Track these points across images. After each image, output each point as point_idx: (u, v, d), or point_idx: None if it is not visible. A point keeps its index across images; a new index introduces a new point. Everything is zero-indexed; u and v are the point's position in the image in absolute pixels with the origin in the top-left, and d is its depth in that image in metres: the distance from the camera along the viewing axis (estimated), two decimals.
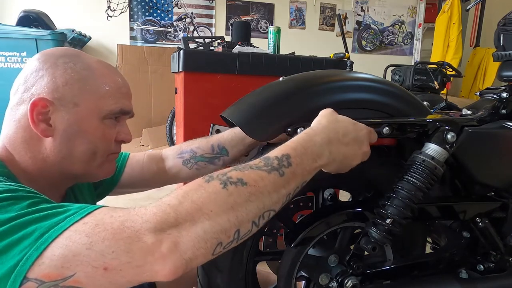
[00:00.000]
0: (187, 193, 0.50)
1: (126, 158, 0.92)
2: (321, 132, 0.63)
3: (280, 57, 1.69)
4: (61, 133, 0.65)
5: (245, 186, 0.52)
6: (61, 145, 0.65)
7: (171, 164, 0.92)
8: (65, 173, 0.68)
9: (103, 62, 0.72)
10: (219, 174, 0.53)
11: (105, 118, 0.68)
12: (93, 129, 0.67)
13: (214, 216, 0.49)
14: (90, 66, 0.68)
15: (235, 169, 0.54)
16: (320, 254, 0.87)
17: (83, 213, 0.47)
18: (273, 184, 0.55)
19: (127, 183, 0.91)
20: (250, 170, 0.54)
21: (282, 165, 0.56)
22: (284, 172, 0.56)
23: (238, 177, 0.52)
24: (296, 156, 0.58)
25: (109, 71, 0.71)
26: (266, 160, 0.57)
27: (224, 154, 0.90)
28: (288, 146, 0.60)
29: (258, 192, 0.53)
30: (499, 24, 1.11)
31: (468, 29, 5.14)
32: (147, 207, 0.49)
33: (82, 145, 0.67)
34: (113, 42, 4.25)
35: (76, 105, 0.65)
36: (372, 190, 0.90)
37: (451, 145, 0.79)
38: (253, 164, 0.56)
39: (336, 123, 0.66)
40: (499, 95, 0.96)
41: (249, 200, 0.52)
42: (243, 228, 0.51)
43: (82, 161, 0.68)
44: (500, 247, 0.94)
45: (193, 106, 1.61)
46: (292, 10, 5.00)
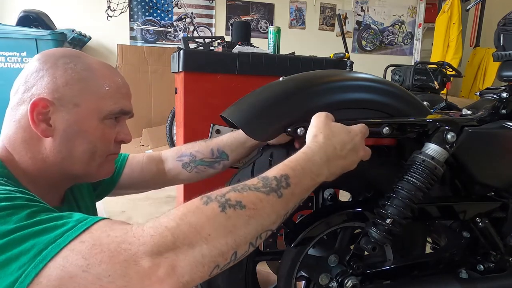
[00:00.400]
0: (185, 215, 0.49)
1: (126, 159, 0.92)
2: (319, 151, 0.63)
3: (280, 57, 1.69)
4: (61, 133, 0.65)
5: (244, 210, 0.51)
6: (61, 145, 0.65)
7: (171, 166, 0.92)
8: (65, 173, 0.68)
9: (103, 63, 0.72)
10: (217, 195, 0.52)
11: (105, 119, 0.68)
12: (93, 129, 0.67)
13: (212, 240, 0.48)
14: (90, 67, 0.68)
15: (233, 190, 0.53)
16: (320, 254, 0.87)
17: (81, 228, 0.47)
18: (272, 206, 0.54)
19: (127, 184, 0.91)
20: (248, 192, 0.54)
21: (280, 186, 0.56)
22: (282, 194, 0.56)
23: (236, 200, 0.52)
24: (295, 177, 0.58)
25: (110, 71, 0.71)
26: (264, 180, 0.56)
27: (224, 158, 0.90)
28: (287, 166, 0.59)
29: (257, 214, 0.52)
30: (499, 24, 1.11)
31: (468, 29, 5.14)
32: (144, 228, 0.48)
33: (82, 145, 0.67)
34: (113, 42, 4.25)
35: (76, 105, 0.65)
36: (372, 190, 0.90)
37: (451, 145, 0.79)
38: (251, 184, 0.55)
39: (332, 137, 0.66)
40: (499, 95, 0.96)
41: (247, 223, 0.51)
42: (240, 250, 0.51)
43: (82, 161, 0.68)
44: (500, 247, 0.94)
45: (193, 106, 1.61)
46: (292, 10, 5.00)
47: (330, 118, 0.70)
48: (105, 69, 0.71)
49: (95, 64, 0.70)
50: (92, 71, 0.68)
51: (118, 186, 0.90)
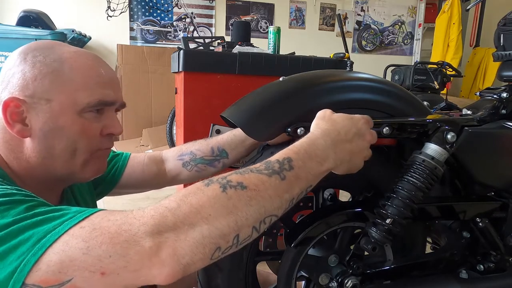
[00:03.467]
0: (186, 196, 0.49)
1: (127, 158, 0.91)
2: (322, 135, 0.63)
3: (280, 57, 1.69)
4: (38, 132, 0.61)
5: (245, 190, 0.51)
6: (40, 145, 0.62)
7: (171, 166, 0.92)
8: (51, 174, 0.65)
9: (83, 53, 0.66)
10: (219, 177, 0.52)
11: (83, 112, 0.63)
12: (69, 125, 0.62)
13: (212, 220, 0.48)
14: (62, 57, 0.63)
15: (235, 173, 0.54)
16: (320, 254, 0.86)
17: (80, 217, 0.47)
18: (274, 188, 0.53)
19: (127, 184, 0.91)
20: (250, 174, 0.53)
21: (283, 168, 0.55)
22: (285, 176, 0.55)
23: (238, 181, 0.52)
24: (298, 159, 0.57)
25: (88, 61, 0.65)
26: (267, 163, 0.56)
27: (224, 156, 0.90)
28: (290, 149, 0.59)
29: (259, 196, 0.52)
30: (499, 24, 1.11)
31: (468, 29, 5.14)
32: (145, 209, 0.48)
33: (61, 143, 0.62)
34: (113, 42, 4.25)
35: (49, 100, 0.61)
36: (372, 190, 0.90)
37: (451, 145, 0.79)
38: (253, 167, 0.55)
39: (336, 124, 0.65)
40: (499, 95, 0.96)
41: (249, 204, 0.51)
42: (242, 233, 0.51)
43: (63, 160, 0.64)
44: (500, 247, 0.94)
45: (193, 106, 1.61)
46: (292, 10, 5.00)
47: (332, 113, 0.69)
48: (81, 58, 0.65)
49: (69, 53, 0.64)
50: (64, 61, 0.63)
51: (118, 185, 0.90)
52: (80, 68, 0.63)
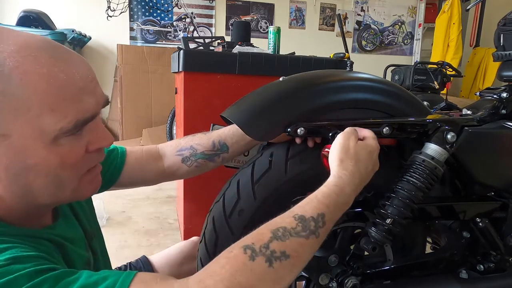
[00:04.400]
0: (234, 276, 0.48)
1: (124, 155, 0.87)
2: (350, 182, 0.64)
3: (280, 57, 1.69)
4: (4, 173, 0.49)
5: (289, 259, 0.52)
6: (12, 185, 0.50)
7: (170, 162, 0.90)
8: (36, 206, 0.55)
9: (29, 50, 0.47)
10: (261, 246, 0.51)
11: (57, 139, 0.49)
12: (44, 160, 0.49)
13: None
14: (3, 70, 0.45)
15: (275, 238, 0.53)
16: (320, 254, 0.86)
17: None
18: (311, 248, 0.56)
19: (125, 181, 0.88)
20: (291, 240, 0.54)
21: (318, 226, 0.57)
22: (319, 233, 0.57)
23: (281, 250, 0.52)
24: (329, 213, 0.59)
25: (40, 66, 0.47)
26: (303, 222, 0.56)
27: (225, 150, 0.89)
28: (321, 202, 0.60)
29: (300, 261, 0.54)
30: (499, 24, 1.11)
31: (468, 29, 5.14)
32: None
33: (38, 179, 0.51)
34: (113, 42, 4.25)
35: (6, 136, 0.46)
36: (372, 190, 0.90)
37: (451, 145, 0.79)
38: (291, 228, 0.55)
39: (359, 162, 0.67)
40: (499, 95, 0.96)
41: (291, 271, 0.53)
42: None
43: (48, 194, 0.53)
44: (500, 247, 0.94)
45: (193, 106, 1.61)
46: (292, 10, 5.00)
47: (355, 138, 0.70)
48: (33, 65, 0.46)
49: (12, 59, 0.45)
50: (9, 76, 0.45)
51: (117, 183, 0.87)
52: (34, 81, 0.46)
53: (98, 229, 0.82)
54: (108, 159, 0.84)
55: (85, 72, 0.52)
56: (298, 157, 0.79)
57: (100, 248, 0.79)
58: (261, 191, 0.78)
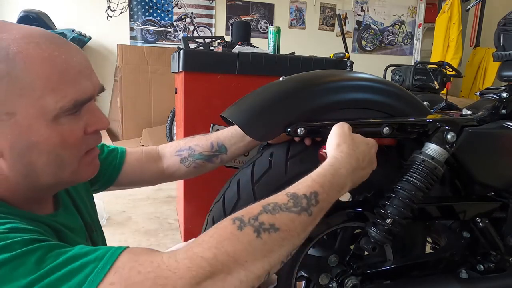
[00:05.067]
0: (221, 243, 0.48)
1: (124, 155, 0.88)
2: (345, 163, 0.64)
3: (280, 57, 1.69)
4: (9, 151, 0.52)
5: (278, 232, 0.52)
6: (16, 164, 0.53)
7: (169, 162, 0.91)
8: (38, 187, 0.58)
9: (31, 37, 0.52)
10: (250, 218, 0.52)
11: (57, 118, 0.53)
12: (46, 138, 0.52)
13: (249, 266, 0.49)
14: (8, 54, 0.49)
15: (265, 211, 0.53)
16: (320, 254, 0.87)
17: (105, 268, 0.43)
18: (303, 225, 0.56)
19: (125, 181, 0.89)
20: (280, 213, 0.54)
21: (310, 204, 0.57)
22: (312, 211, 0.57)
23: (270, 223, 0.52)
24: (323, 193, 0.59)
25: (41, 50, 0.52)
26: (294, 199, 0.56)
27: (223, 152, 0.90)
28: (316, 181, 0.60)
29: (290, 236, 0.54)
30: (499, 24, 1.11)
31: (468, 29, 5.14)
32: (177, 258, 0.46)
33: (41, 158, 0.54)
34: (113, 42, 4.25)
35: (11, 114, 0.50)
36: (372, 190, 0.90)
37: (451, 145, 0.79)
38: (282, 204, 0.55)
39: (356, 148, 0.67)
40: (499, 95, 0.96)
41: (281, 245, 0.53)
42: (273, 270, 0.53)
43: (49, 174, 0.56)
44: (500, 247, 0.94)
45: (193, 106, 1.61)
46: (292, 10, 5.00)
47: (350, 128, 0.71)
48: (36, 49, 0.51)
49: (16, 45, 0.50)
50: (13, 59, 0.49)
51: (116, 183, 0.88)
52: (36, 64, 0.51)
53: (99, 225, 0.83)
54: (107, 159, 0.85)
55: (82, 59, 0.57)
56: (298, 157, 0.79)
57: (102, 243, 0.80)
58: (261, 191, 0.78)
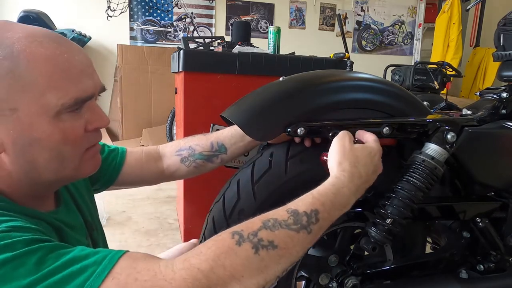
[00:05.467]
0: (218, 257, 0.48)
1: (124, 155, 0.89)
2: (348, 183, 0.64)
3: (280, 57, 1.69)
4: (12, 146, 0.53)
5: (276, 250, 0.52)
6: (18, 159, 0.54)
7: (169, 162, 0.91)
8: (40, 184, 0.58)
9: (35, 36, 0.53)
10: (249, 233, 0.52)
11: (59, 115, 0.54)
12: (48, 134, 0.53)
13: (244, 281, 0.49)
14: (12, 51, 0.50)
15: (265, 227, 0.53)
16: (320, 254, 0.87)
17: (103, 273, 0.44)
18: (302, 243, 0.55)
19: (125, 181, 0.89)
20: (280, 230, 0.54)
21: (310, 222, 0.56)
22: (311, 230, 0.56)
23: (269, 240, 0.52)
24: (324, 211, 0.59)
25: (44, 49, 0.53)
26: (295, 216, 0.56)
27: (223, 151, 0.90)
28: (317, 200, 0.59)
29: (288, 253, 0.53)
30: (499, 24, 1.11)
31: (468, 29, 5.14)
32: (175, 269, 0.46)
33: (42, 154, 0.55)
34: (113, 42, 4.25)
35: (14, 110, 0.51)
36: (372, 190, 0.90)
37: (451, 145, 0.79)
38: (282, 220, 0.55)
39: (358, 164, 0.66)
40: (499, 95, 0.96)
41: (278, 262, 0.52)
42: (268, 284, 0.52)
43: (50, 170, 0.57)
44: (500, 247, 0.94)
45: (193, 106, 1.61)
46: (292, 10, 5.00)
47: (351, 140, 0.70)
48: (39, 48, 0.52)
49: (20, 43, 0.51)
50: (17, 57, 0.50)
51: (116, 183, 0.88)
52: (39, 62, 0.52)
53: (100, 224, 0.83)
54: (108, 158, 0.85)
55: (84, 58, 0.58)
56: (298, 157, 0.79)
57: (103, 242, 0.80)
58: (261, 191, 0.78)
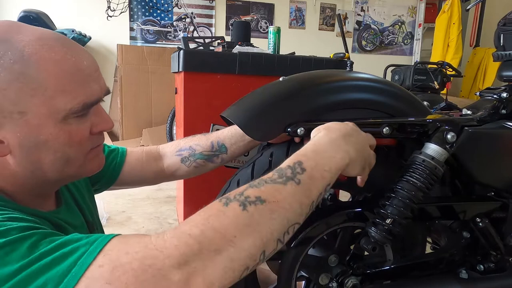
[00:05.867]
0: (207, 219, 0.47)
1: (124, 155, 0.89)
2: (324, 136, 0.62)
3: (280, 57, 1.69)
4: (18, 148, 0.54)
5: (265, 204, 0.50)
6: (24, 160, 0.55)
7: (170, 162, 0.91)
8: (44, 183, 0.60)
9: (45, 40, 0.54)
10: (235, 194, 0.51)
11: (67, 118, 0.55)
12: (54, 137, 0.55)
13: (238, 242, 0.47)
14: (23, 55, 0.51)
15: (250, 186, 0.52)
16: (320, 254, 0.87)
17: (94, 252, 0.43)
18: (292, 194, 0.52)
19: (126, 180, 0.89)
20: (266, 185, 0.52)
21: (296, 172, 0.54)
22: (300, 180, 0.54)
23: (255, 195, 0.50)
24: (308, 160, 0.56)
25: (54, 53, 0.53)
26: (278, 171, 0.55)
27: (223, 151, 0.90)
28: (298, 154, 0.58)
29: (279, 207, 0.51)
30: (499, 24, 1.11)
31: (468, 29, 5.14)
32: (165, 236, 0.46)
33: (48, 156, 0.56)
34: (113, 42, 4.25)
35: (23, 113, 0.52)
36: (372, 190, 0.90)
37: (451, 145, 0.79)
38: (267, 177, 0.54)
39: (331, 125, 0.65)
40: (499, 95, 0.96)
41: (271, 217, 0.50)
42: (268, 248, 0.50)
43: (55, 171, 0.58)
44: (500, 247, 0.94)
45: (193, 106, 1.61)
46: (292, 10, 5.00)
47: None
48: (49, 52, 0.53)
49: (30, 47, 0.52)
50: (28, 61, 0.51)
51: (117, 182, 0.89)
52: (49, 66, 0.52)
53: (100, 224, 0.83)
54: (108, 158, 0.85)
55: (91, 62, 0.59)
56: None
57: None
58: None
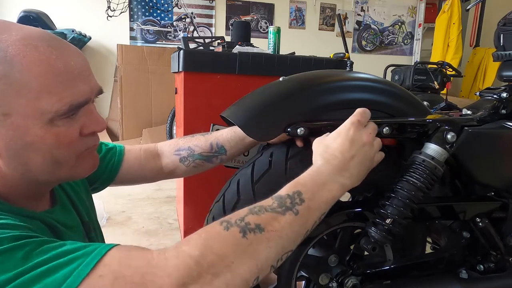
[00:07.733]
0: (208, 241, 0.49)
1: (122, 153, 0.88)
2: (323, 165, 0.63)
3: (280, 57, 1.69)
4: (4, 150, 0.53)
5: (263, 232, 0.52)
6: (12, 163, 0.54)
7: (168, 161, 0.91)
8: (36, 183, 0.59)
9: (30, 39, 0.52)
10: (236, 219, 0.52)
11: (53, 120, 0.53)
12: (41, 139, 0.53)
13: (235, 268, 0.48)
14: (6, 55, 0.49)
15: (251, 213, 0.54)
16: (320, 254, 0.87)
17: (92, 263, 0.44)
18: (290, 225, 0.55)
19: (124, 179, 0.89)
20: (266, 214, 0.54)
21: (295, 203, 0.56)
22: (298, 211, 0.56)
23: (255, 223, 0.52)
24: (307, 191, 0.58)
25: (39, 53, 0.51)
26: (279, 200, 0.57)
27: (222, 153, 0.90)
28: (298, 182, 0.60)
29: (276, 236, 0.53)
30: (499, 24, 1.11)
31: (468, 29, 5.15)
32: (167, 255, 0.47)
33: (36, 158, 0.54)
34: (113, 42, 4.25)
35: (7, 115, 0.50)
36: (372, 190, 0.90)
37: (451, 145, 0.79)
38: (267, 205, 0.55)
39: (328, 149, 0.65)
40: (499, 95, 0.96)
41: (268, 246, 0.52)
42: (262, 274, 0.52)
43: (46, 172, 0.56)
44: (500, 247, 0.94)
45: (193, 106, 1.61)
46: (292, 10, 5.00)
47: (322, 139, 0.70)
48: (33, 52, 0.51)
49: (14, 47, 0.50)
50: (11, 61, 0.49)
51: (115, 181, 0.88)
52: (34, 67, 0.50)
53: (98, 225, 0.83)
54: (106, 157, 0.85)
55: (80, 61, 0.56)
56: (298, 157, 0.79)
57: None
58: (261, 191, 0.78)
